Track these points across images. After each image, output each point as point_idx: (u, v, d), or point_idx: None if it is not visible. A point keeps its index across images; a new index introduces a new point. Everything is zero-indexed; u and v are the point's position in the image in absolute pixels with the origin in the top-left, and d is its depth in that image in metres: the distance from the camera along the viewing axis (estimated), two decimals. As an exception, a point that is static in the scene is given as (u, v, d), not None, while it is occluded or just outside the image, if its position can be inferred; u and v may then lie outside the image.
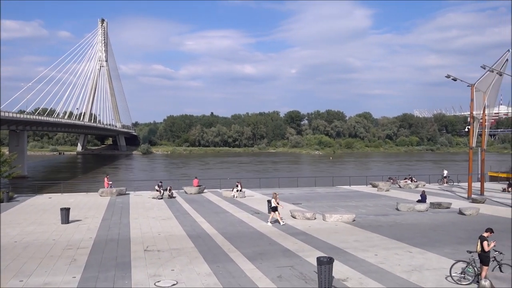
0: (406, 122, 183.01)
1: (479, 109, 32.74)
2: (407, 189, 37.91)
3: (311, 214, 22.43)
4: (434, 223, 21.78)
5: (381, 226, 20.59)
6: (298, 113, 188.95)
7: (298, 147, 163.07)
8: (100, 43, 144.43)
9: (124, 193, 32.80)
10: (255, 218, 22.82)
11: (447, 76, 31.31)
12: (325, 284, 11.37)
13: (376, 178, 45.26)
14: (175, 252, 15.26)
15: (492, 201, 29.92)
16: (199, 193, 33.63)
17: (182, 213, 24.28)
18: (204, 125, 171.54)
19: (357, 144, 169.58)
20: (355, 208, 26.05)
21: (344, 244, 16.63)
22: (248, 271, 13.04)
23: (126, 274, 12.66)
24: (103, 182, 34.32)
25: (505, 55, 30.51)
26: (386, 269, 13.35)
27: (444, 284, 11.92)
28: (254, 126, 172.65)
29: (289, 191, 36.34)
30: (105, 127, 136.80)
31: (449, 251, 15.49)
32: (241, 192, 31.68)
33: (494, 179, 51.33)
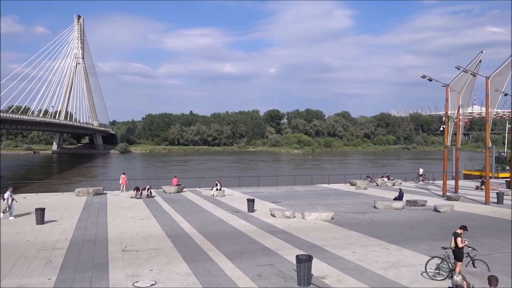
0: (384, 122, 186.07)
1: (453, 109, 33.56)
2: (384, 187, 38.55)
3: (291, 212, 22.56)
4: (410, 220, 22.23)
5: (359, 224, 20.88)
6: (278, 112, 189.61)
7: (277, 146, 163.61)
8: (76, 40, 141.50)
9: (101, 192, 32.25)
10: (235, 217, 22.81)
11: (423, 76, 31.94)
12: (304, 281, 11.48)
13: (354, 176, 45.86)
14: (153, 252, 15.12)
15: (466, 198, 30.71)
16: (178, 192, 33.38)
17: (161, 213, 24.05)
18: (183, 123, 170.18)
19: (336, 143, 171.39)
20: (333, 206, 26.34)
21: (323, 242, 16.80)
22: (227, 270, 13.03)
23: (103, 275, 12.47)
24: (120, 180, 34.40)
25: (479, 56, 31.35)
26: (364, 266, 13.55)
27: (420, 280, 12.19)
28: (234, 125, 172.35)
29: (269, 189, 36.46)
30: (82, 126, 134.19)
31: (424, 248, 15.84)
32: (220, 191, 31.58)
33: (468, 177, 52.70)
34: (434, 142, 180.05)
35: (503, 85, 29.22)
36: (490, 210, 25.38)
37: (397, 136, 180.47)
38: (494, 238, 17.58)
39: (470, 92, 33.02)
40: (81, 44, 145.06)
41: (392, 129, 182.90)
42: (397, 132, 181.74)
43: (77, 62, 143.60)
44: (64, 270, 12.90)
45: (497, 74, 28.48)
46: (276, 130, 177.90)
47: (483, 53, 31.45)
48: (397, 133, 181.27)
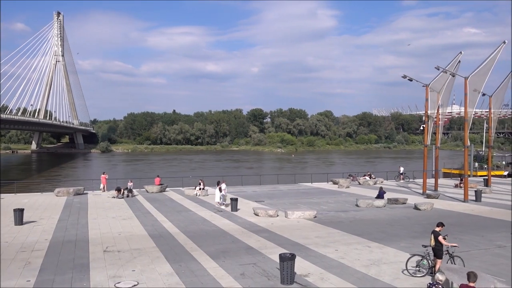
0: (365, 121, 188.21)
1: (433, 109, 34.17)
2: (366, 185, 39.01)
3: (274, 211, 22.63)
4: (392, 218, 22.55)
5: (342, 222, 21.08)
6: (261, 111, 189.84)
7: (260, 145, 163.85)
8: (56, 37, 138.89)
9: (82, 192, 31.77)
10: (218, 216, 22.75)
11: (404, 76, 32.42)
12: (287, 280, 11.53)
13: (336, 175, 46.31)
14: (136, 252, 14.96)
15: (445, 196, 31.32)
16: (161, 192, 33.11)
17: (143, 213, 23.82)
18: (166, 122, 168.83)
19: (319, 142, 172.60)
20: (316, 205, 26.53)
21: (306, 240, 16.91)
22: (210, 269, 13.00)
23: (84, 276, 12.28)
24: (154, 180, 34.33)
25: (458, 57, 32.01)
26: (346, 264, 13.69)
27: (401, 277, 12.38)
28: (217, 124, 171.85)
29: (252, 188, 36.49)
30: (62, 125, 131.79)
31: (405, 245, 16.09)
32: (203, 190, 31.47)
33: (447, 175, 53.77)
34: (414, 141, 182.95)
35: (481, 86, 29.89)
36: (468, 208, 25.93)
37: (378, 135, 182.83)
38: (472, 235, 17.98)
39: (449, 92, 33.68)
40: (60, 42, 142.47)
41: (374, 128, 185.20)
42: (378, 131, 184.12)
43: (56, 59, 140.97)
44: (44, 272, 12.65)
45: (476, 74, 29.11)
46: (259, 129, 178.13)
47: (462, 54, 32.15)
48: (378, 132, 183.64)
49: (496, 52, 29.06)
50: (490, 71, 29.37)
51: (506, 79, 37.78)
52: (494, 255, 14.79)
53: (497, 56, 29.09)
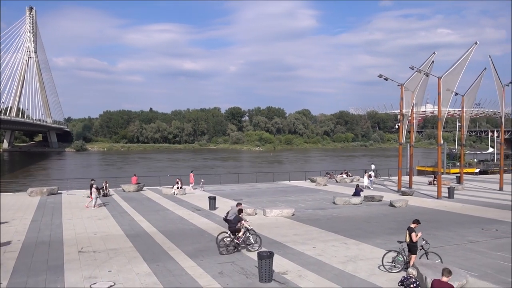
0: (343, 119, 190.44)
1: (408, 107, 34.87)
2: (343, 183, 39.51)
3: (252, 209, 22.67)
4: (368, 215, 22.92)
5: (319, 220, 21.30)
6: (239, 110, 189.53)
7: (239, 144, 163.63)
8: (28, 33, 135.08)
9: (56, 192, 31.06)
10: (196, 215, 22.64)
11: (380, 75, 32.98)
12: (265, 278, 11.58)
13: (314, 173, 46.73)
14: (112, 253, 14.74)
15: (419, 193, 32.03)
16: (138, 191, 32.71)
17: (120, 212, 23.48)
18: (143, 121, 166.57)
19: (297, 140, 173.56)
20: (294, 203, 26.71)
21: (284, 238, 17.01)
22: (188, 268, 12.92)
23: (58, 278, 12.02)
24: (189, 178, 34.07)
25: (431, 57, 32.73)
26: (323, 260, 13.84)
27: (377, 272, 12.60)
28: (195, 122, 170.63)
29: (230, 187, 36.46)
30: (35, 123, 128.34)
31: (381, 242, 16.38)
32: (181, 189, 31.25)
33: (421, 172, 55.07)
34: (389, 139, 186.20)
35: (454, 85, 30.68)
36: (441, 204, 26.60)
37: (355, 133, 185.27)
38: (445, 231, 18.45)
39: (423, 91, 34.44)
40: (33, 37, 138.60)
41: (351, 127, 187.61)
42: (355, 129, 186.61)
43: (29, 56, 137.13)
44: (16, 274, 12.32)
45: (449, 74, 29.85)
46: (238, 128, 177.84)
47: (435, 54, 32.89)
48: (355, 131, 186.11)
49: (468, 52, 29.87)
50: (462, 71, 30.17)
51: (477, 79, 38.88)
52: (466, 250, 15.22)
53: (469, 57, 29.90)
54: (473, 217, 21.99)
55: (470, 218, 21.73)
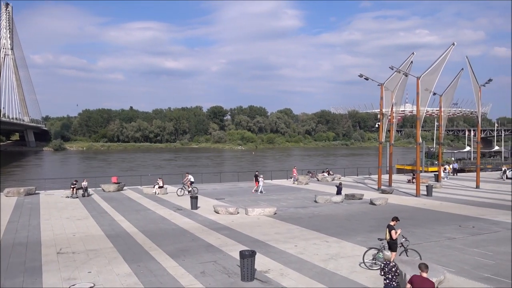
0: (324, 118, 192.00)
1: (387, 107, 35.39)
2: (324, 182, 39.83)
3: (234, 208, 22.65)
4: (349, 213, 23.17)
5: (301, 218, 21.42)
6: (221, 109, 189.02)
7: (221, 143, 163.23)
8: (4, 29, 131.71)
9: (34, 192, 30.40)
10: (178, 214, 22.49)
11: (360, 75, 33.34)
12: (247, 277, 11.60)
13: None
14: (92, 254, 14.51)
15: (399, 191, 32.55)
16: (118, 191, 32.29)
17: (100, 212, 23.15)
18: (123, 119, 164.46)
19: (279, 139, 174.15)
20: (276, 202, 26.79)
21: (266, 237, 17.05)
22: (170, 268, 12.84)
23: (36, 280, 11.78)
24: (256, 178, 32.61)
25: (410, 57, 33.28)
26: (305, 259, 13.93)
27: (358, 270, 12.76)
28: (177, 121, 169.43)
29: (212, 186, 36.35)
30: (11, 121, 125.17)
31: (361, 239, 16.59)
32: (162, 189, 30.98)
33: (400, 171, 55.99)
34: (370, 138, 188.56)
35: (432, 85, 31.28)
36: (420, 202, 27.10)
37: (336, 132, 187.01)
38: (424, 228, 18.80)
39: (402, 91, 35.00)
40: (9, 34, 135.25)
41: (332, 126, 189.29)
42: (336, 128, 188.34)
43: (5, 53, 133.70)
44: (-8, 277, 12.01)
45: (427, 74, 30.41)
46: (220, 127, 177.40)
47: (414, 55, 33.46)
48: (336, 130, 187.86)
49: (446, 53, 30.48)
50: (440, 71, 30.78)
51: (455, 79, 39.75)
52: (444, 247, 15.55)
53: (446, 57, 30.52)
54: (450, 215, 22.47)
55: (448, 216, 22.20)
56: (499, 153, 74.26)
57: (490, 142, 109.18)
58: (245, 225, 19.48)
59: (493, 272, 12.48)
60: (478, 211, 23.49)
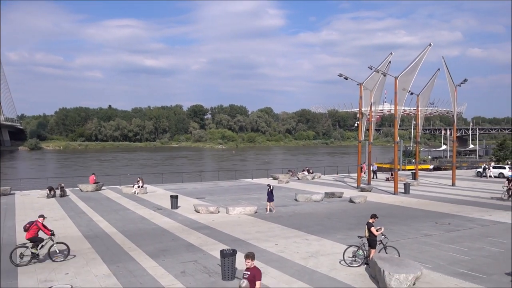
0: (304, 117, 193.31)
1: (366, 106, 35.86)
2: (304, 180, 40.10)
3: (215, 208, 22.59)
4: (329, 211, 23.40)
5: (281, 217, 21.52)
6: (202, 107, 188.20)
7: (201, 142, 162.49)
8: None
9: (8, 193, 29.63)
10: (158, 214, 22.28)
11: (339, 74, 33.65)
12: (228, 276, 11.59)
13: (276, 170, 47.18)
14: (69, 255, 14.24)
15: (377, 189, 33.04)
16: (96, 191, 31.78)
17: (77, 213, 22.74)
18: (101, 118, 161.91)
19: (259, 138, 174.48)
20: (257, 200, 26.83)
21: (247, 236, 17.07)
22: (150, 268, 12.71)
23: (12, 282, 11.50)
24: None
25: (388, 57, 33.81)
26: (286, 257, 14.01)
27: (338, 267, 12.90)
28: (156, 120, 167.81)
29: (193, 185, 36.14)
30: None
31: (341, 237, 16.78)
32: (142, 188, 30.64)
33: (379, 169, 56.69)
34: (349, 137, 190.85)
35: (409, 85, 31.84)
36: (398, 200, 27.58)
37: (316, 131, 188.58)
38: (401, 225, 19.15)
39: (381, 90, 35.55)
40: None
41: (312, 125, 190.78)
42: (316, 127, 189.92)
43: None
44: (-36, 280, 11.67)
45: (404, 74, 30.95)
46: (200, 126, 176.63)
47: (392, 55, 34.01)
48: (316, 129, 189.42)
49: (423, 54, 31.07)
50: (417, 71, 31.37)
51: (431, 79, 40.55)
52: (421, 243, 15.87)
53: (423, 58, 31.12)
54: (427, 212, 22.94)
55: (425, 213, 22.66)
56: (474, 152, 76.17)
57: (466, 141, 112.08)
58: (226, 224, 19.45)
59: (468, 267, 12.81)
60: (453, 208, 24.06)
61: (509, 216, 21.27)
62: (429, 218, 20.91)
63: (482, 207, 24.32)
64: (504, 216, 21.44)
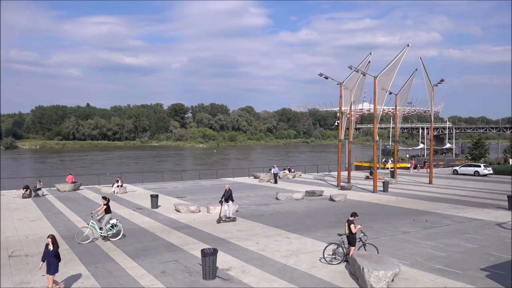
0: (285, 116, 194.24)
1: (346, 105, 36.25)
2: (285, 179, 40.28)
3: (196, 207, 22.48)
4: (309, 210, 23.58)
5: (262, 215, 21.58)
6: (182, 106, 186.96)
7: (182, 140, 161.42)
8: None
9: (-18, 193, 28.81)
10: (138, 213, 22.04)
11: (320, 74, 33.92)
12: (209, 275, 11.56)
13: (257, 169, 47.23)
14: (46, 256, 13.95)
15: (357, 187, 33.47)
16: (74, 190, 31.21)
17: (54, 213, 22.29)
18: (79, 117, 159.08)
19: (240, 137, 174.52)
20: (238, 199, 26.76)
21: (228, 235, 17.05)
22: (129, 269, 12.57)
23: None
24: None
25: (368, 57, 34.25)
26: (266, 255, 14.06)
27: (318, 265, 13.02)
28: (136, 118, 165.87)
29: (173, 184, 35.89)
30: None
31: (321, 235, 16.94)
32: (122, 188, 30.24)
33: (359, 168, 57.52)
34: (330, 136, 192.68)
35: (388, 85, 32.32)
36: (377, 198, 28.00)
37: (297, 130, 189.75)
38: (380, 223, 19.46)
39: (360, 90, 35.98)
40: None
41: (293, 124, 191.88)
42: (297, 126, 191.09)
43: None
44: None
45: (383, 74, 31.39)
46: (181, 124, 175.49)
47: (371, 55, 34.47)
48: (297, 128, 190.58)
49: (401, 54, 31.59)
50: (395, 71, 31.86)
51: (409, 79, 41.27)
52: (399, 241, 16.16)
53: (401, 58, 31.63)
54: (405, 209, 23.37)
55: (403, 210, 23.08)
56: (450, 150, 77.99)
57: (442, 140, 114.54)
58: (207, 223, 19.39)
59: (444, 263, 13.11)
60: (430, 205, 24.57)
61: (484, 213, 21.87)
62: (407, 216, 21.30)
63: (458, 204, 24.92)
64: (478, 213, 22.04)
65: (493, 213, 21.88)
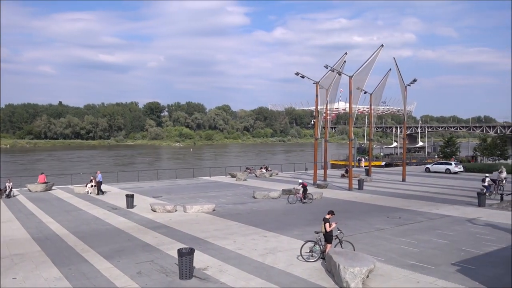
0: (262, 115, 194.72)
1: (322, 104, 36.64)
2: (262, 178, 40.40)
3: (172, 206, 22.28)
4: (286, 208, 23.71)
5: (240, 214, 21.57)
6: (158, 105, 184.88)
7: (158, 139, 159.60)
8: None
9: (-52, 194, 27.71)
10: (113, 214, 21.67)
11: (296, 73, 34.16)
12: (186, 275, 11.49)
13: (234, 168, 47.18)
14: (17, 258, 13.57)
15: (333, 185, 33.87)
16: (46, 191, 30.43)
17: (26, 214, 21.67)
18: (51, 115, 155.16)
19: (217, 136, 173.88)
20: (215, 198, 26.73)
21: (205, 234, 16.98)
22: (104, 270, 12.35)
23: None
24: None
25: (343, 57, 34.69)
26: (244, 254, 14.07)
27: (295, 263, 13.11)
28: (111, 117, 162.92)
29: (149, 184, 35.45)
30: None
31: (298, 233, 17.06)
32: (96, 188, 29.62)
33: (334, 166, 58.30)
34: (306, 134, 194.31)
35: (363, 84, 32.84)
36: (352, 196, 28.40)
37: (274, 129, 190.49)
38: (356, 220, 19.76)
39: (336, 89, 36.45)
40: None
41: (270, 123, 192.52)
42: (274, 125, 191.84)
43: None
44: None
45: (359, 74, 31.88)
46: (157, 123, 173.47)
47: (347, 55, 34.92)
48: (274, 126, 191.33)
49: (375, 54, 32.15)
50: (370, 71, 32.44)
51: (383, 78, 42.04)
52: (374, 237, 16.46)
53: (376, 58, 32.20)
54: (380, 207, 23.80)
55: (377, 208, 23.49)
56: (423, 149, 79.88)
57: (415, 138, 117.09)
58: (184, 223, 19.25)
59: (417, 259, 13.42)
60: (404, 202, 25.10)
61: (454, 210, 22.50)
62: (381, 213, 21.70)
63: (430, 201, 25.55)
64: (449, 209, 22.66)
65: (463, 210, 22.54)
